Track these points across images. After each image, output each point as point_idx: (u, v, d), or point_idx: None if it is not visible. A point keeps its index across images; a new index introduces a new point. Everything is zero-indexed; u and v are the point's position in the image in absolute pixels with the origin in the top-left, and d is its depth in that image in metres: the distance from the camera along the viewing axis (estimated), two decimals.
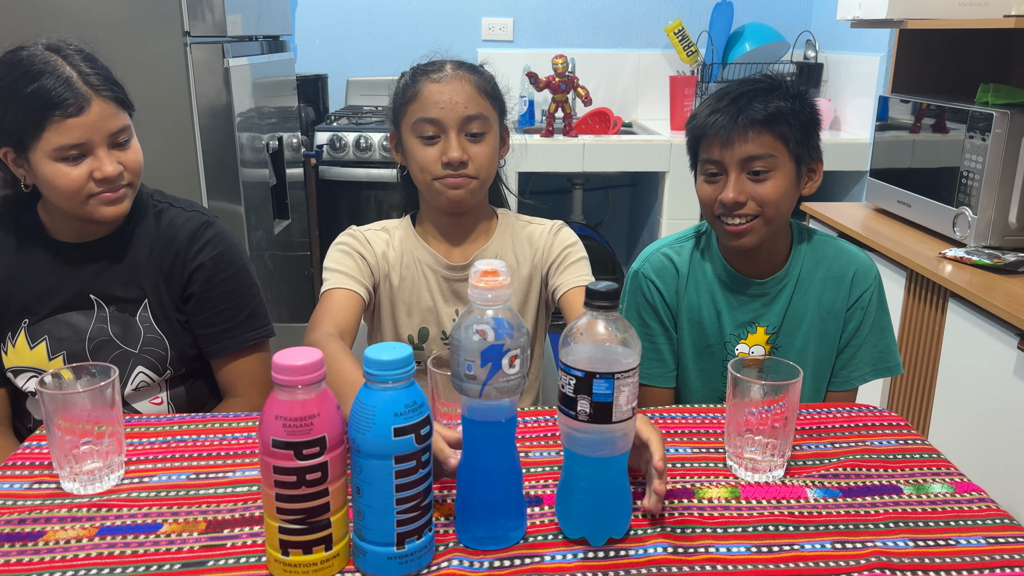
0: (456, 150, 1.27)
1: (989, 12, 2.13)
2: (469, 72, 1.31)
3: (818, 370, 1.35)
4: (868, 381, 1.36)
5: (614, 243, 3.64)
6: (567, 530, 0.89)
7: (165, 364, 1.32)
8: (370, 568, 0.82)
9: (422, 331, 1.38)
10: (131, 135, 1.28)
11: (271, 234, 2.45)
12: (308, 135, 3.03)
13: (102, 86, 1.23)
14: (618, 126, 3.19)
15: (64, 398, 0.96)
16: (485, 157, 1.29)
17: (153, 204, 1.36)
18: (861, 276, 1.33)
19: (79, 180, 1.21)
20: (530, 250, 1.40)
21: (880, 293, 1.35)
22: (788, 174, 1.24)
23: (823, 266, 1.33)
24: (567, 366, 0.84)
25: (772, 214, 1.24)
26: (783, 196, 1.24)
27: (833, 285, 1.33)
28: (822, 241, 1.36)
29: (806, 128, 1.24)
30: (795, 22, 3.43)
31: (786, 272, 1.33)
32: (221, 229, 1.37)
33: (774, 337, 1.34)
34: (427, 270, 1.38)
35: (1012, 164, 1.94)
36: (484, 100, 1.30)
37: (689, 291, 1.34)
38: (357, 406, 0.79)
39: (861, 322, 1.33)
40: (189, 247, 1.33)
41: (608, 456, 0.86)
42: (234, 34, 2.13)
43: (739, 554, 0.86)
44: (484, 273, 0.82)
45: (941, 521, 0.93)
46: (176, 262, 1.33)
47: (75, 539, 0.88)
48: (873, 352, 1.35)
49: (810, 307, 1.32)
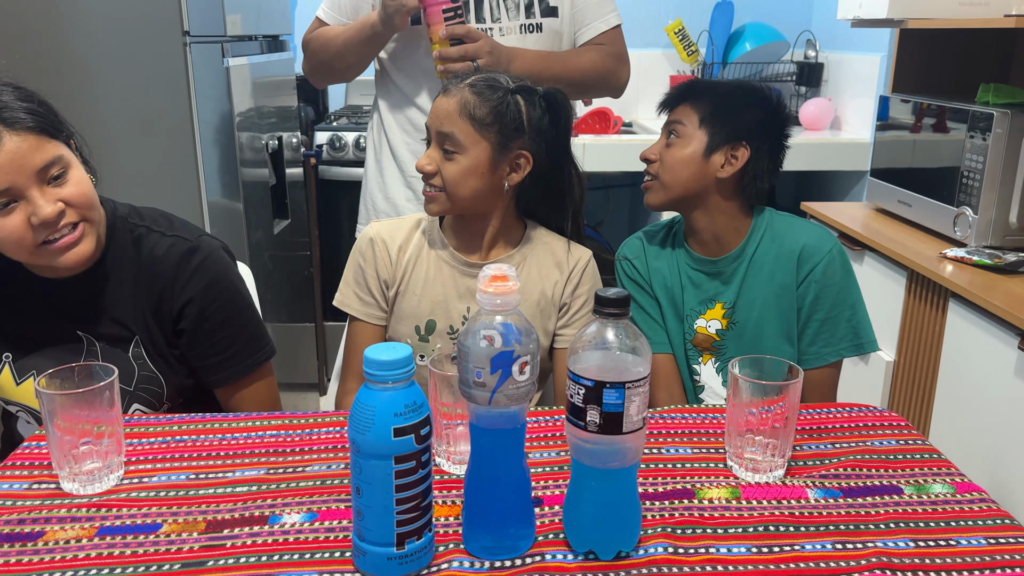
0: (424, 157, 1.32)
1: (990, 12, 2.13)
2: (469, 90, 1.29)
3: (779, 345, 1.39)
4: (845, 357, 1.39)
5: (614, 243, 3.63)
6: (575, 544, 0.87)
7: (162, 400, 1.27)
8: (370, 568, 0.82)
9: (429, 323, 1.39)
10: (67, 165, 1.13)
11: (271, 234, 2.45)
12: (308, 135, 3.03)
13: (15, 117, 1.07)
14: (618, 126, 3.19)
15: (63, 398, 0.96)
16: (450, 174, 1.30)
17: (129, 229, 1.25)
18: (810, 251, 1.37)
19: (17, 230, 1.09)
20: (559, 274, 1.40)
21: (843, 267, 1.38)
22: (693, 144, 1.36)
23: (776, 244, 1.39)
24: (576, 375, 0.82)
25: (666, 177, 1.38)
26: (679, 162, 1.37)
27: (785, 262, 1.38)
28: (780, 221, 1.42)
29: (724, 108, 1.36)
30: (795, 22, 3.43)
31: (740, 251, 1.40)
32: (207, 253, 1.26)
33: (730, 312, 1.40)
34: (443, 264, 1.39)
35: (1013, 164, 1.94)
36: (463, 121, 1.28)
37: (660, 265, 1.46)
38: (357, 406, 0.79)
39: (817, 296, 1.37)
40: (175, 280, 1.23)
41: (618, 468, 0.84)
42: (234, 34, 2.13)
43: (739, 554, 0.86)
44: (493, 278, 0.81)
45: (942, 521, 0.93)
46: (164, 297, 1.24)
47: (75, 539, 0.88)
48: (847, 327, 1.38)
49: (764, 284, 1.39)
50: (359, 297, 1.41)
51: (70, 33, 1.84)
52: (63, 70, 1.84)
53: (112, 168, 1.91)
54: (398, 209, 1.78)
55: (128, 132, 1.89)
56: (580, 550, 0.86)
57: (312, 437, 1.10)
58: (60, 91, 1.85)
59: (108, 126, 1.88)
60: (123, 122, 1.89)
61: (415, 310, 1.38)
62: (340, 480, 1.00)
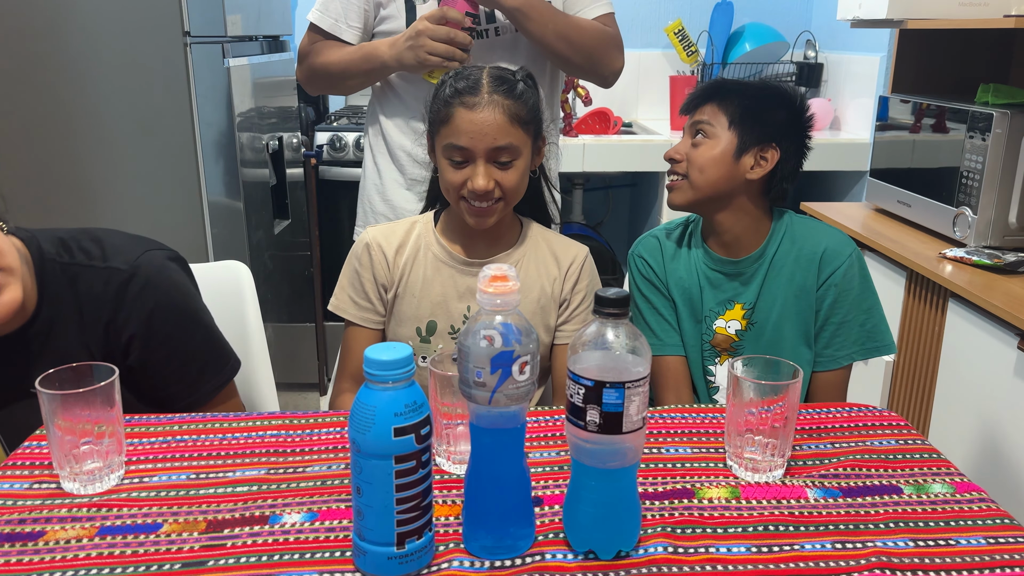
0: (482, 179, 1.27)
1: (989, 12, 2.13)
2: (505, 96, 1.27)
3: (796, 347, 1.39)
4: (856, 360, 1.40)
5: (614, 243, 3.64)
6: (575, 543, 0.87)
7: None
8: (370, 568, 0.82)
9: (430, 324, 1.39)
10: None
11: (271, 234, 2.45)
12: (308, 135, 3.03)
13: None
14: (618, 126, 3.19)
15: (64, 398, 0.96)
16: (512, 182, 1.30)
17: (61, 270, 1.16)
18: (831, 254, 1.37)
19: None
20: (557, 270, 1.40)
21: (861, 272, 1.39)
22: (723, 145, 1.35)
23: (797, 246, 1.40)
24: (576, 375, 0.82)
25: (696, 177, 1.36)
26: (709, 162, 1.35)
27: (805, 264, 1.38)
28: (800, 223, 1.42)
29: (755, 109, 1.35)
30: (795, 22, 3.43)
31: (761, 252, 1.40)
32: (145, 278, 1.17)
33: (750, 313, 1.40)
34: (441, 265, 1.39)
35: (1012, 164, 1.94)
36: (516, 128, 1.27)
37: (678, 265, 1.44)
38: (357, 406, 0.79)
39: (836, 300, 1.37)
40: (116, 315, 1.16)
41: (618, 467, 0.84)
42: (234, 34, 2.13)
43: (739, 554, 0.86)
44: (493, 278, 0.81)
45: (941, 521, 0.93)
46: (108, 335, 1.17)
47: (75, 539, 0.88)
48: (860, 332, 1.38)
49: (783, 286, 1.39)
50: (355, 302, 1.41)
51: (70, 33, 1.84)
52: (63, 70, 1.84)
53: (112, 168, 1.92)
54: (397, 211, 1.78)
55: (128, 132, 1.89)
56: (580, 550, 0.86)
57: (312, 437, 1.10)
58: (60, 91, 1.86)
59: (108, 126, 1.88)
60: (123, 122, 1.89)
61: (415, 312, 1.38)
62: (340, 480, 1.00)
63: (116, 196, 1.93)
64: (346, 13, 1.71)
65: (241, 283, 1.55)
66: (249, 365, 1.54)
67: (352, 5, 1.71)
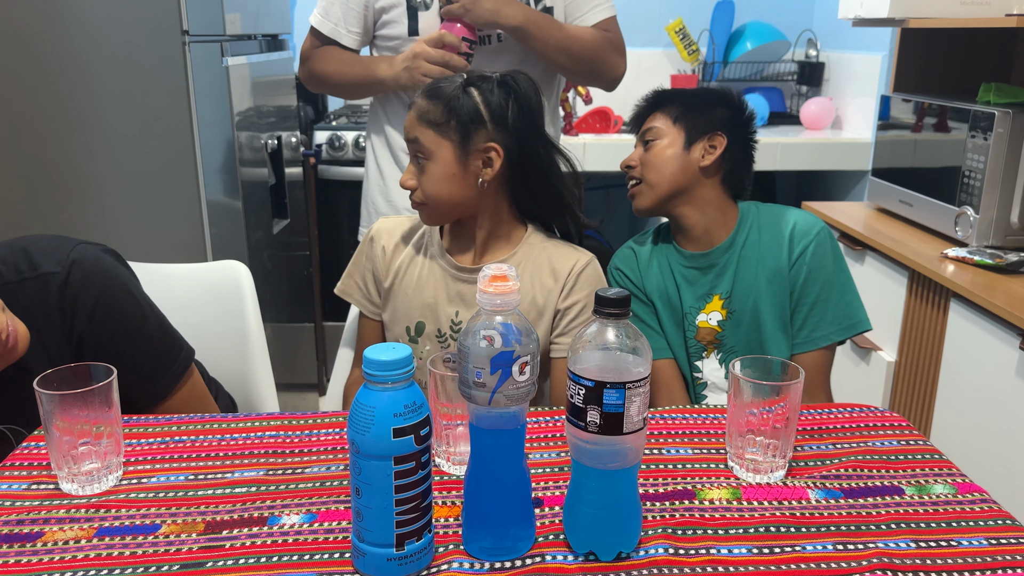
0: (405, 174, 1.33)
1: (991, 11, 2.13)
2: (425, 98, 1.29)
3: (775, 331, 1.41)
4: (835, 340, 1.41)
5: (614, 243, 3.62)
6: (575, 544, 0.86)
7: None
8: (369, 570, 0.82)
9: (419, 325, 1.38)
10: None
11: (270, 234, 2.44)
12: (307, 134, 3.03)
13: None
14: (619, 125, 3.19)
15: (62, 399, 0.95)
16: (426, 183, 1.30)
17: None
18: (800, 233, 1.40)
19: None
20: (553, 282, 1.35)
21: (833, 249, 1.41)
22: (671, 140, 1.41)
23: (766, 230, 1.42)
24: (576, 375, 0.82)
25: (652, 177, 1.42)
26: (662, 160, 1.41)
27: (775, 246, 1.41)
28: (768, 210, 1.45)
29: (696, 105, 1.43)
30: (796, 21, 3.42)
31: (731, 241, 1.42)
32: (80, 276, 1.13)
33: (728, 302, 1.42)
34: (436, 267, 1.38)
35: (1014, 163, 1.93)
36: (422, 127, 1.28)
37: (652, 272, 1.48)
38: (356, 406, 0.79)
39: (807, 278, 1.39)
40: (62, 321, 1.13)
41: (618, 468, 0.84)
42: (233, 33, 2.13)
43: (740, 555, 0.86)
44: (493, 278, 0.80)
45: (943, 522, 0.92)
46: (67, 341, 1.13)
47: (73, 540, 0.88)
48: (836, 310, 1.40)
49: (757, 270, 1.41)
50: (358, 286, 1.45)
51: (70, 33, 1.83)
52: (63, 70, 1.84)
53: (110, 167, 1.91)
54: (399, 212, 1.78)
55: (128, 132, 1.89)
56: (580, 551, 0.86)
57: (311, 438, 1.10)
58: (60, 91, 1.86)
59: (108, 126, 1.88)
60: (123, 122, 1.88)
61: (407, 311, 1.39)
62: (339, 481, 0.99)
63: (114, 195, 1.93)
64: (346, 18, 1.72)
65: (240, 283, 1.54)
66: (248, 365, 1.53)
67: (352, 10, 1.71)
